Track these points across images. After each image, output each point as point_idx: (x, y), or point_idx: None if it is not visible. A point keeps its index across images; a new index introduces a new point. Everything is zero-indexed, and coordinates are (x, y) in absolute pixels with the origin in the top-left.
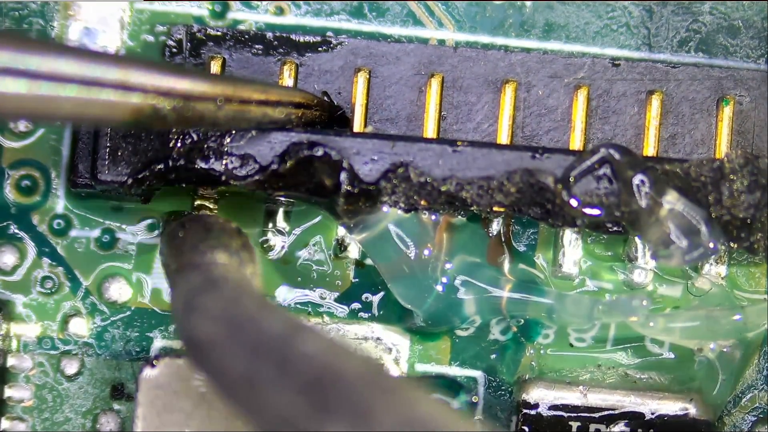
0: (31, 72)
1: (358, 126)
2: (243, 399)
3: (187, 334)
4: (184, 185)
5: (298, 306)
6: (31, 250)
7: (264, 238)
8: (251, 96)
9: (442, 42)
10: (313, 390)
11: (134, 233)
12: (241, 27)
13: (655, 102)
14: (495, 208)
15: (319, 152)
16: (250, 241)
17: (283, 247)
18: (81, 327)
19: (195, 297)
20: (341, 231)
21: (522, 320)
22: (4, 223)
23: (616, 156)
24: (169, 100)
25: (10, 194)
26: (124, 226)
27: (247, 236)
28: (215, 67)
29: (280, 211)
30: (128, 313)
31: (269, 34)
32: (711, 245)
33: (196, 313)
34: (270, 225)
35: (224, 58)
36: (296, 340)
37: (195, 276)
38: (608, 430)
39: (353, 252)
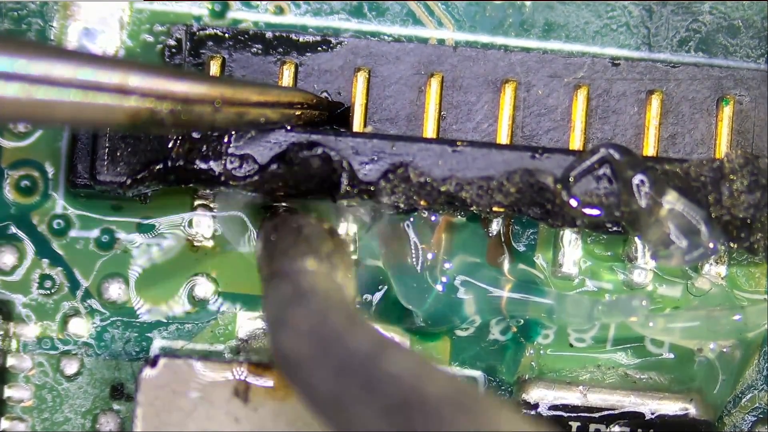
0: (27, 76)
1: (357, 126)
2: (330, 417)
3: (276, 348)
4: (183, 186)
5: None
6: (31, 250)
7: None
8: (249, 97)
9: (441, 41)
10: (397, 412)
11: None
12: (241, 26)
13: (655, 102)
14: (495, 208)
15: (319, 152)
16: (342, 242)
17: None
18: (80, 327)
19: (285, 310)
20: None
21: (522, 320)
22: (4, 224)
23: (616, 156)
24: (166, 104)
25: (10, 194)
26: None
27: (340, 238)
28: (215, 66)
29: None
30: (128, 313)
31: (269, 34)
32: (711, 245)
33: (286, 327)
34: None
35: (224, 58)
36: (382, 359)
37: (285, 286)
38: (608, 430)
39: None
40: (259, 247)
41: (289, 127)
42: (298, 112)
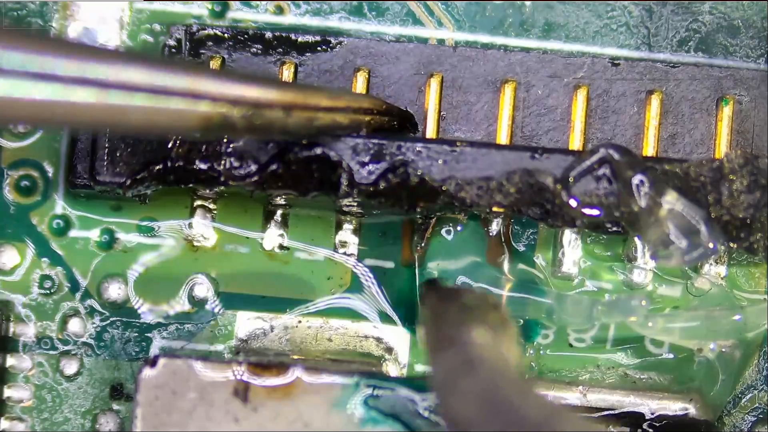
0: (100, 81)
1: None
2: None
3: (447, 415)
4: (182, 186)
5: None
6: (31, 250)
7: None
8: (320, 103)
9: (441, 41)
10: None
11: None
12: (241, 26)
13: (655, 102)
14: (494, 209)
15: (318, 152)
16: (506, 314)
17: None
18: (80, 327)
19: (454, 378)
20: (341, 231)
21: (522, 320)
22: (4, 223)
23: (616, 156)
24: (238, 108)
25: (10, 194)
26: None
27: (505, 311)
28: (214, 66)
29: (278, 213)
30: (127, 313)
31: (268, 34)
32: (710, 245)
33: (456, 395)
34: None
35: (223, 58)
36: (553, 424)
37: (453, 355)
38: (608, 430)
39: (353, 251)
40: (423, 315)
41: (358, 134)
42: (368, 118)
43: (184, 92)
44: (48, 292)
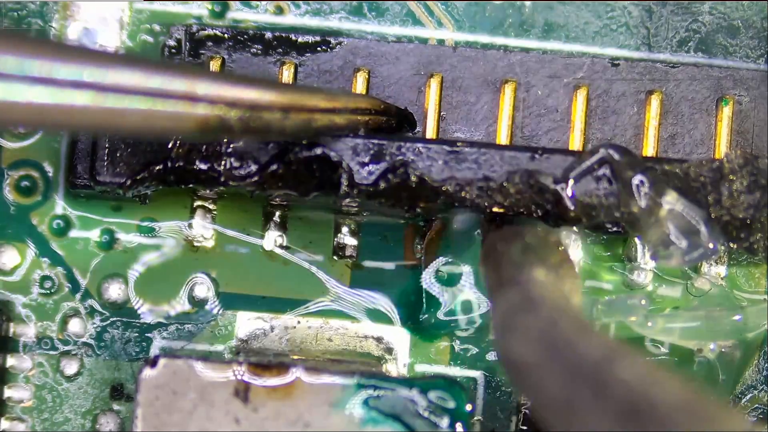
0: (97, 84)
1: None
2: (561, 421)
3: (505, 354)
4: (182, 186)
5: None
6: (31, 250)
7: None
8: (317, 104)
9: (441, 42)
10: (629, 418)
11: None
12: (241, 27)
13: (655, 102)
14: (494, 209)
15: (318, 152)
16: (568, 253)
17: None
18: (80, 327)
19: (514, 316)
20: (340, 234)
21: None
22: (4, 224)
23: (616, 156)
24: (235, 111)
25: (10, 195)
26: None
27: (566, 250)
28: (214, 67)
29: (278, 214)
30: (128, 313)
31: (268, 34)
32: (711, 245)
33: (515, 333)
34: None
35: (223, 58)
36: (614, 365)
37: (514, 293)
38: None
39: (352, 253)
40: (484, 256)
41: (357, 134)
42: (366, 119)
43: (181, 95)
44: (48, 292)
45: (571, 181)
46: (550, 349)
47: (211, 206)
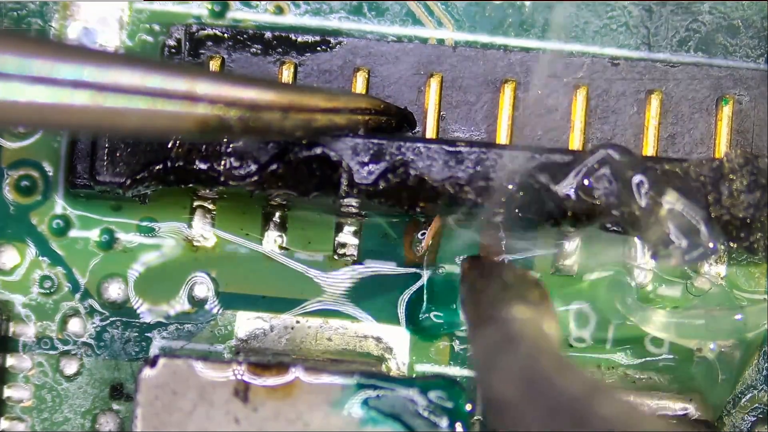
0: (96, 84)
1: None
2: None
3: (485, 393)
4: (182, 186)
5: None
6: (31, 250)
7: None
8: (317, 104)
9: (441, 41)
10: None
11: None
12: (240, 26)
13: (655, 101)
14: (494, 209)
15: (318, 152)
16: (546, 291)
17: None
18: (80, 327)
19: (494, 355)
20: (341, 233)
21: None
22: (4, 224)
23: (616, 156)
24: (235, 110)
25: (10, 194)
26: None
27: (544, 287)
28: (214, 67)
29: (277, 214)
30: (127, 313)
31: (268, 34)
32: (710, 245)
33: (495, 372)
34: (270, 227)
35: (223, 58)
36: (594, 401)
37: (493, 332)
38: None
39: (352, 252)
40: (463, 292)
41: (356, 134)
42: (366, 118)
43: (181, 95)
44: (48, 292)
45: (571, 181)
46: (530, 386)
47: (210, 206)
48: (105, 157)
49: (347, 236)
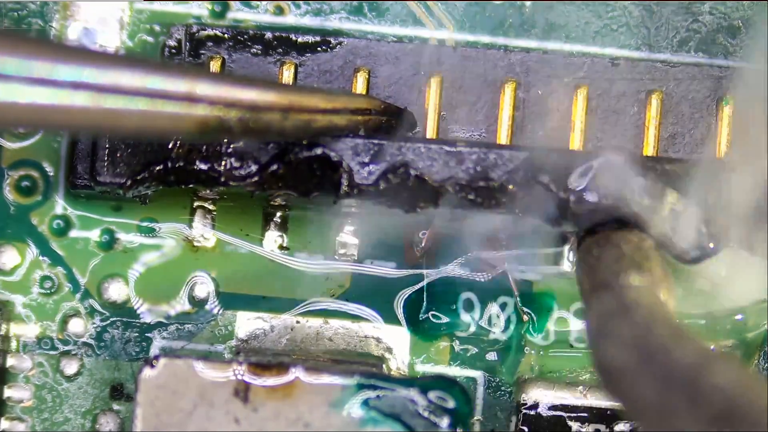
0: (96, 85)
1: None
2: (655, 427)
3: (598, 359)
4: (183, 186)
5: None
6: (31, 250)
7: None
8: (317, 105)
9: (441, 42)
10: (723, 423)
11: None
12: (241, 27)
13: (655, 101)
14: (495, 209)
15: (318, 152)
16: (663, 260)
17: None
18: (80, 327)
19: (608, 322)
20: (341, 233)
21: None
22: (4, 224)
23: (616, 158)
24: (235, 111)
25: (10, 195)
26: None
27: (662, 255)
28: (214, 67)
29: (278, 214)
30: (128, 313)
31: (268, 34)
32: (711, 245)
33: (609, 339)
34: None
35: (223, 59)
36: (707, 371)
37: (608, 299)
38: (608, 430)
39: (353, 252)
40: (579, 261)
41: (357, 134)
42: (366, 119)
43: (180, 96)
44: (48, 292)
45: (571, 182)
46: (644, 354)
47: (211, 207)
48: (105, 158)
49: (347, 236)
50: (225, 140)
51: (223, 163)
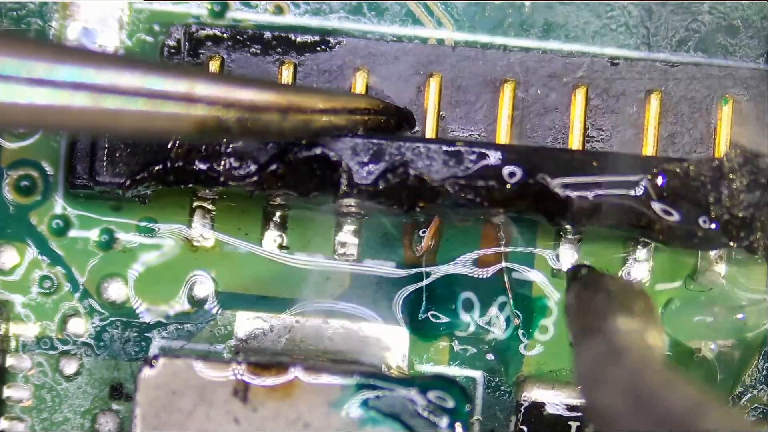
0: (95, 85)
1: None
2: None
3: (592, 405)
4: (182, 186)
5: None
6: (30, 250)
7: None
8: (316, 105)
9: (441, 41)
10: None
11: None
12: (240, 26)
13: (654, 101)
14: (494, 209)
15: (318, 152)
16: (652, 302)
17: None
18: (80, 327)
19: (599, 367)
20: (341, 233)
21: (520, 315)
22: (3, 224)
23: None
24: (233, 112)
25: (9, 194)
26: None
27: (649, 297)
28: (214, 67)
29: (277, 214)
30: (127, 313)
31: (267, 34)
32: None
33: (601, 385)
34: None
35: (223, 58)
36: (701, 417)
37: (597, 344)
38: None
39: (353, 252)
40: (568, 303)
41: (356, 134)
42: (365, 118)
43: (179, 96)
44: (48, 292)
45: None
46: (636, 401)
47: (210, 206)
48: (105, 158)
49: (347, 236)
50: (224, 140)
51: (223, 163)
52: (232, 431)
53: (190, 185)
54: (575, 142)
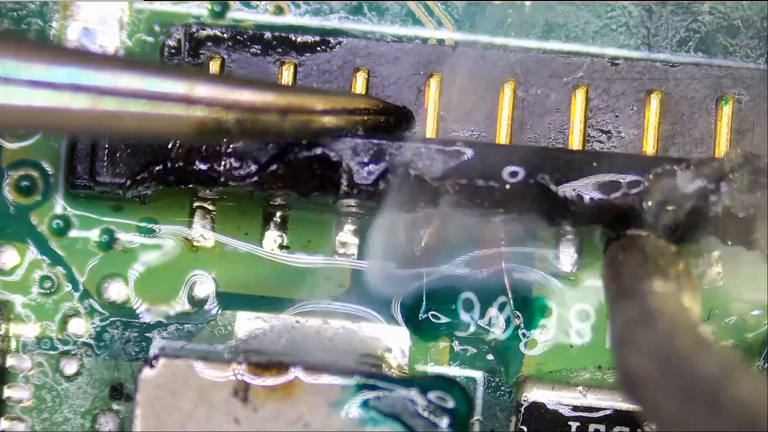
0: (95, 87)
1: None
2: None
3: (621, 367)
4: (182, 186)
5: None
6: (31, 250)
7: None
8: (315, 105)
9: (441, 41)
10: None
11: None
12: (240, 26)
13: (654, 101)
14: (494, 208)
15: (318, 152)
16: (689, 265)
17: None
18: (80, 327)
19: (631, 330)
20: (341, 232)
21: (520, 314)
22: (4, 224)
23: None
24: (232, 113)
25: (10, 194)
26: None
27: (686, 260)
28: (214, 67)
29: (278, 214)
30: (127, 313)
31: (268, 34)
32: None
33: (632, 347)
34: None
35: (223, 59)
36: (729, 382)
37: (631, 306)
38: (608, 430)
39: (353, 252)
40: (605, 266)
41: (355, 134)
42: (365, 119)
43: (178, 98)
44: (48, 292)
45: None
46: (666, 364)
47: (210, 207)
48: (105, 158)
49: (347, 236)
50: (224, 141)
51: (223, 163)
52: (233, 431)
53: (191, 185)
54: (575, 142)
